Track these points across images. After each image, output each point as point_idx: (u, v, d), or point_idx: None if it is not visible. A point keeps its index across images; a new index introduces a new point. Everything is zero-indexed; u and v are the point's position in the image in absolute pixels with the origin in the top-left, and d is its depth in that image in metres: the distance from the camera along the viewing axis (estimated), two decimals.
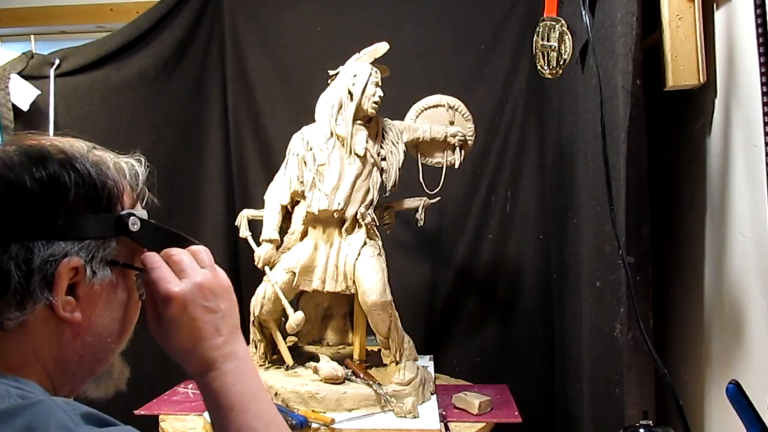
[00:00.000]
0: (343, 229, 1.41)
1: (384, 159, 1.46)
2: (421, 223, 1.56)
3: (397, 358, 1.41)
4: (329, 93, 1.48)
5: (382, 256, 1.44)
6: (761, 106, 0.81)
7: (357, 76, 1.44)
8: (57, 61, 1.70)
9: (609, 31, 1.11)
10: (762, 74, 0.81)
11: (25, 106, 1.65)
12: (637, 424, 0.88)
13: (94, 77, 1.76)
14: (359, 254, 1.39)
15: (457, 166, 1.59)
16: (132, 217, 0.67)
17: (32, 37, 2.07)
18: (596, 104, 1.08)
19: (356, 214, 1.40)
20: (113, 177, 0.67)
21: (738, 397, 0.75)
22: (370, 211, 1.42)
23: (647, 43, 1.08)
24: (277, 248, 1.49)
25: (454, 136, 1.57)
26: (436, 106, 1.59)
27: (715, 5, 1.02)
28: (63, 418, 0.54)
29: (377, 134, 1.47)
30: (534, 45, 1.27)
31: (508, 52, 1.88)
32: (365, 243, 1.40)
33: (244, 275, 1.95)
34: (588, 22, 1.12)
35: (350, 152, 1.41)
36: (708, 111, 1.06)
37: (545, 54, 1.25)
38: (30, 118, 1.67)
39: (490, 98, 1.88)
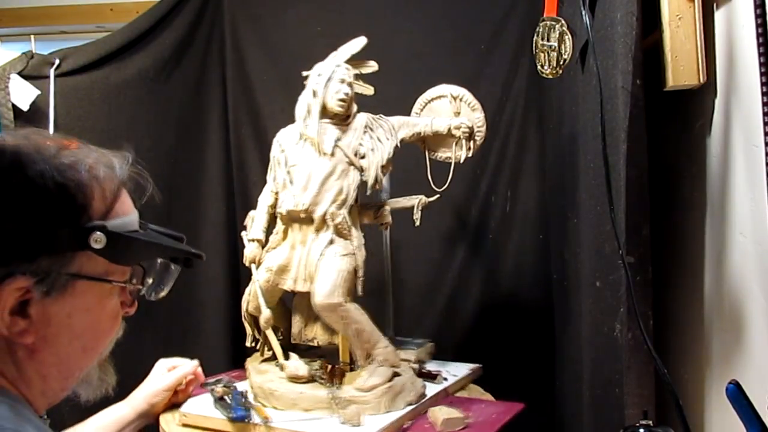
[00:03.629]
0: (314, 229, 1.39)
1: (363, 157, 1.41)
2: (418, 223, 1.52)
3: (364, 363, 1.35)
4: (303, 94, 1.46)
5: (352, 256, 1.37)
6: (761, 106, 0.81)
7: (321, 74, 1.41)
8: (57, 61, 1.70)
9: (609, 31, 1.11)
10: (762, 74, 0.81)
11: (25, 106, 1.65)
12: (637, 424, 0.88)
13: (94, 77, 1.76)
14: (322, 254, 1.35)
15: (462, 160, 1.51)
16: (96, 233, 0.61)
17: (32, 37, 2.07)
18: (596, 104, 1.08)
19: (325, 213, 1.36)
20: (79, 183, 0.62)
21: (738, 397, 0.75)
22: (343, 210, 1.37)
23: (647, 43, 1.08)
24: (263, 247, 1.49)
25: (458, 128, 1.49)
26: (440, 97, 1.52)
27: (715, 5, 1.02)
28: None
29: (357, 131, 1.43)
30: (534, 45, 1.27)
31: (508, 52, 1.88)
32: (331, 242, 1.36)
33: (244, 274, 1.96)
34: (588, 22, 1.12)
35: (320, 152, 1.39)
36: (708, 111, 1.06)
37: (545, 54, 1.25)
38: (30, 118, 1.67)
39: (490, 98, 1.88)
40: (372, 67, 1.49)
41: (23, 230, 0.58)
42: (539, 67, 1.27)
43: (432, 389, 1.40)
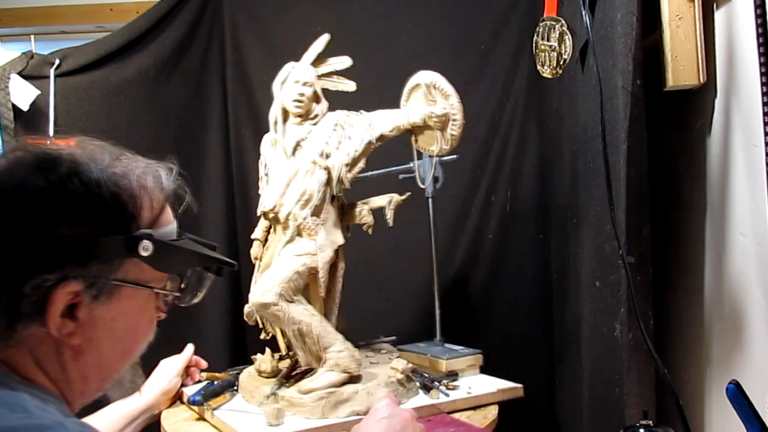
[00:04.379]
0: (282, 229, 1.39)
1: (329, 156, 1.38)
2: (390, 223, 1.46)
3: (314, 365, 1.32)
4: None
5: (309, 257, 1.33)
6: (761, 106, 0.82)
7: (279, 78, 1.42)
8: (57, 61, 1.70)
9: (609, 31, 1.11)
10: (762, 74, 0.81)
11: (25, 106, 1.65)
12: (637, 424, 0.88)
13: (94, 77, 1.76)
14: (278, 253, 1.35)
15: (436, 153, 1.39)
16: (144, 241, 0.64)
17: (32, 37, 2.07)
18: (596, 104, 1.08)
19: (289, 214, 1.35)
20: (131, 192, 0.64)
21: (738, 397, 0.75)
22: (306, 211, 1.34)
23: (647, 43, 1.08)
24: (264, 245, 1.50)
25: (430, 118, 1.36)
26: (417, 86, 1.43)
27: (715, 5, 1.02)
28: None
29: (325, 130, 1.40)
30: (534, 45, 1.27)
31: (508, 52, 1.88)
32: (290, 241, 1.36)
33: (244, 274, 1.95)
34: (588, 22, 1.13)
35: (285, 154, 1.39)
36: (708, 111, 1.06)
37: (545, 54, 1.25)
38: (30, 118, 1.67)
39: (490, 98, 1.88)
40: (344, 62, 1.45)
41: (78, 236, 0.60)
42: (539, 67, 1.27)
43: (420, 402, 1.31)
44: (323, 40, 1.44)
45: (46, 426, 0.54)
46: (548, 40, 1.23)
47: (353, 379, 1.29)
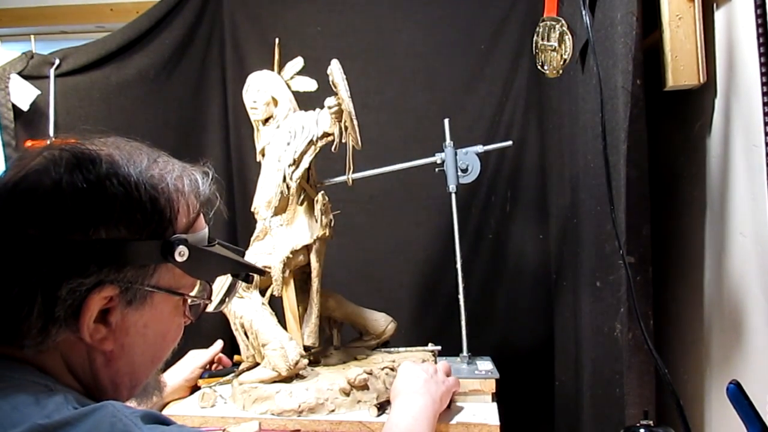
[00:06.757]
0: None
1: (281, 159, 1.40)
2: (316, 221, 1.40)
3: (257, 359, 1.37)
4: None
5: (264, 255, 1.37)
6: (761, 106, 0.81)
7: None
8: (57, 61, 1.70)
9: (609, 31, 1.11)
10: (762, 74, 0.81)
11: (25, 106, 1.65)
12: (638, 424, 0.88)
13: (94, 77, 1.76)
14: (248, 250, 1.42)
15: (334, 148, 1.33)
16: (180, 246, 0.62)
17: (32, 37, 2.07)
18: (596, 104, 1.08)
19: (259, 214, 1.41)
20: (168, 196, 0.63)
21: (738, 396, 0.75)
22: (269, 212, 1.39)
23: (647, 43, 1.08)
24: None
25: (330, 108, 1.31)
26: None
27: (715, 5, 1.02)
28: (125, 421, 0.52)
29: (283, 133, 1.42)
30: (534, 45, 1.27)
31: (508, 52, 1.88)
32: (256, 239, 1.41)
33: None
34: (588, 22, 1.12)
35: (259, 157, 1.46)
36: (708, 111, 1.06)
37: (545, 54, 1.25)
38: (30, 118, 1.67)
39: (490, 98, 1.88)
40: (298, 63, 1.47)
41: (116, 240, 0.58)
42: (539, 67, 1.27)
43: (357, 417, 1.20)
44: (276, 45, 1.48)
45: (96, 407, 0.53)
46: (548, 40, 1.23)
47: (289, 378, 1.29)
